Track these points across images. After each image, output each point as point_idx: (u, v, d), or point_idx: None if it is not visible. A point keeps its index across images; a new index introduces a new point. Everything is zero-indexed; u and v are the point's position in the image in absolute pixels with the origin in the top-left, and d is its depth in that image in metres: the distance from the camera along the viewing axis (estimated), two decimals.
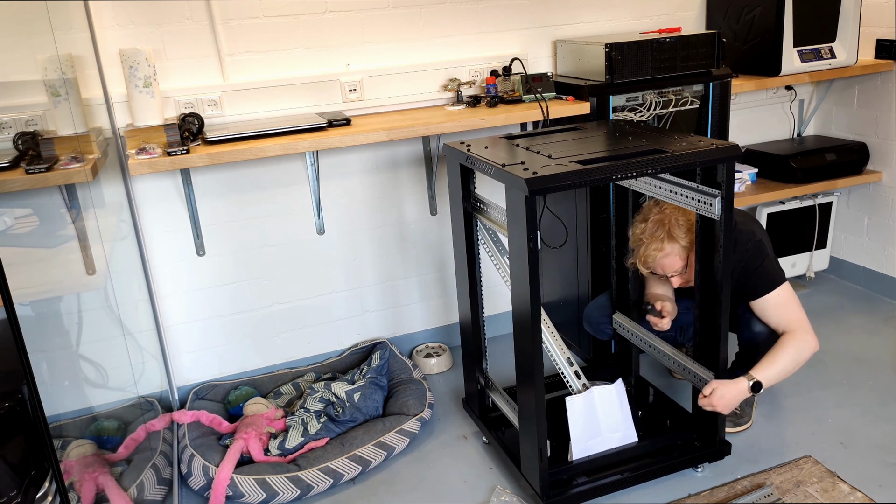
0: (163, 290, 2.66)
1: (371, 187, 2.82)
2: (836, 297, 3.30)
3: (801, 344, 2.13)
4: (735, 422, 2.38)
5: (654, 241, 2.16)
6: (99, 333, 2.19)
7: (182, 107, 2.47)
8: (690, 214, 2.14)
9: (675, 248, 2.15)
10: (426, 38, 2.73)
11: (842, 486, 2.11)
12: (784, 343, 2.14)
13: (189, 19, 2.44)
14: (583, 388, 2.15)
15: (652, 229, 2.17)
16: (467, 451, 2.42)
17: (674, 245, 2.15)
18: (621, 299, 2.51)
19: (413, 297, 3.02)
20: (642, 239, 2.19)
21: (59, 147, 2.05)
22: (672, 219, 2.16)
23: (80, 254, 2.09)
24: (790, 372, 2.14)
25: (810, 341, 2.14)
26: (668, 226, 2.15)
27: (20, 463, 1.24)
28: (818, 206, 3.27)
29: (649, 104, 2.66)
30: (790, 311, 2.17)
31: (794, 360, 2.13)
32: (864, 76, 3.14)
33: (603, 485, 2.09)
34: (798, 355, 2.13)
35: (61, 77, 2.07)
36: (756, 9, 2.90)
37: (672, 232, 2.14)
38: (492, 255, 2.24)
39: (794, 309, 2.17)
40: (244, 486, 2.17)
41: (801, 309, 2.18)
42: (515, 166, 1.86)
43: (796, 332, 2.14)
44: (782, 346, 2.13)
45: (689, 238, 2.15)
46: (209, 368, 2.80)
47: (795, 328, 2.15)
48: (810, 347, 2.15)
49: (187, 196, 2.57)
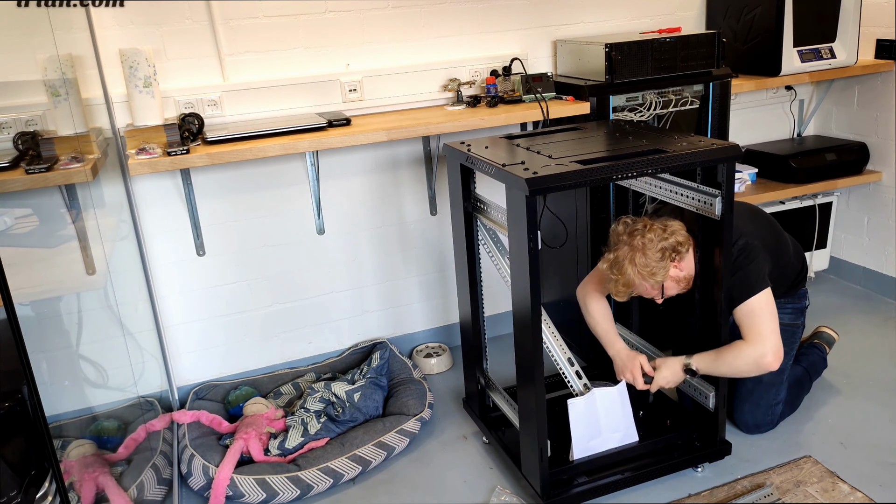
0: (163, 290, 2.66)
1: (371, 187, 2.82)
2: (836, 297, 3.30)
3: (754, 357, 2.03)
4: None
5: (621, 277, 2.02)
6: (99, 333, 2.20)
7: (182, 107, 2.47)
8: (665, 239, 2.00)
9: (644, 285, 2.04)
10: (426, 38, 2.73)
11: (842, 486, 2.11)
12: (736, 347, 2.06)
13: (189, 19, 2.44)
14: (584, 389, 2.15)
15: (620, 263, 2.02)
16: (467, 451, 2.42)
17: (643, 282, 2.03)
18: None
19: (413, 297, 3.02)
20: (610, 275, 2.06)
21: (59, 147, 2.05)
22: (640, 254, 1.99)
23: (80, 254, 2.09)
24: (725, 374, 2.10)
25: (767, 357, 2.02)
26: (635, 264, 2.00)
27: (20, 463, 1.24)
28: (818, 206, 3.27)
29: (649, 104, 2.66)
30: (759, 322, 2.04)
31: (738, 368, 2.06)
32: (864, 76, 3.14)
33: (603, 485, 2.09)
34: (743, 366, 2.05)
35: (61, 77, 2.07)
36: (756, 9, 2.90)
37: (641, 271, 2.00)
38: (492, 255, 2.24)
39: (763, 322, 2.04)
40: (244, 486, 2.16)
41: (771, 321, 2.05)
42: (516, 166, 1.86)
43: (754, 343, 2.03)
44: (731, 350, 2.06)
45: (662, 273, 2.01)
46: (209, 368, 2.80)
47: (755, 339, 2.04)
48: (765, 363, 2.03)
49: (187, 196, 2.57)
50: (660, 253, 2.00)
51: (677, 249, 2.02)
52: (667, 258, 2.01)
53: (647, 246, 2.00)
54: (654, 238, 2.00)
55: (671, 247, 2.01)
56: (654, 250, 2.00)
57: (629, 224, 2.06)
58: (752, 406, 2.33)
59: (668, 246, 2.01)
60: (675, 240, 2.02)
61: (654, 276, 2.01)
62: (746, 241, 2.07)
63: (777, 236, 2.31)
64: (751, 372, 2.08)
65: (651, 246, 2.00)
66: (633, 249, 2.01)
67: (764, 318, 2.05)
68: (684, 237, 2.04)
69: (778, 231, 2.34)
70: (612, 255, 2.05)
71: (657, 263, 2.00)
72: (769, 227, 2.30)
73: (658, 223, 2.04)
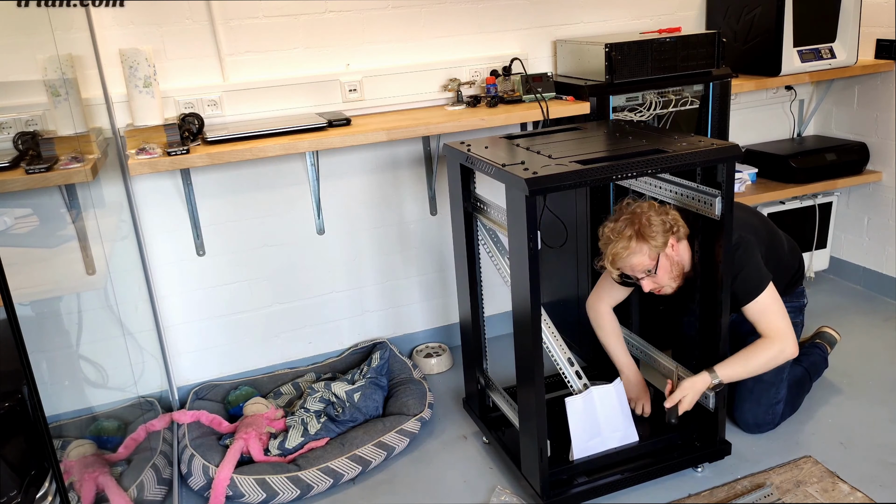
0: (163, 290, 2.66)
1: (371, 187, 2.82)
2: (836, 297, 3.30)
3: (776, 353, 2.13)
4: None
5: (621, 239, 2.06)
6: (99, 333, 2.19)
7: (182, 107, 2.47)
8: (665, 214, 2.08)
9: (643, 248, 2.06)
10: (426, 38, 2.73)
11: (842, 486, 2.11)
12: (759, 348, 2.13)
13: (189, 19, 2.44)
14: (584, 389, 2.15)
15: (620, 227, 2.07)
16: (467, 451, 2.42)
17: (642, 244, 2.05)
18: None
19: (413, 297, 3.02)
20: (610, 237, 2.09)
21: (59, 147, 2.05)
22: (643, 218, 2.06)
23: (80, 254, 2.09)
24: (757, 373, 2.16)
25: (787, 350, 2.13)
26: (637, 224, 2.05)
27: (20, 463, 1.24)
28: (818, 206, 3.27)
29: (649, 104, 2.66)
30: (770, 317, 2.14)
31: (765, 365, 2.14)
32: (864, 76, 3.14)
33: (603, 485, 2.09)
34: (769, 364, 2.14)
35: (61, 77, 2.07)
36: (756, 9, 2.90)
37: (642, 231, 2.05)
38: (492, 255, 2.24)
39: (774, 316, 2.14)
40: (244, 486, 2.16)
41: (781, 314, 2.15)
42: (515, 166, 1.86)
43: (774, 340, 2.13)
44: (756, 352, 2.13)
45: (662, 239, 2.06)
46: (209, 368, 2.80)
47: (773, 336, 2.13)
48: (785, 356, 2.15)
49: (187, 196, 2.57)
50: (661, 224, 2.07)
51: (675, 227, 2.09)
52: (667, 231, 2.07)
53: (649, 213, 2.07)
54: (654, 214, 2.08)
55: (670, 223, 2.08)
56: (655, 218, 2.07)
57: (631, 203, 2.14)
58: (753, 405, 2.33)
59: (669, 220, 2.08)
60: (674, 217, 2.09)
61: (654, 239, 2.05)
62: (739, 234, 2.11)
63: (769, 228, 2.35)
64: (775, 366, 2.17)
65: (653, 214, 2.07)
66: (636, 215, 2.08)
67: (775, 314, 2.14)
68: (682, 223, 2.11)
69: (770, 225, 2.38)
70: (612, 223, 2.11)
71: (658, 228, 2.06)
72: (758, 217, 2.35)
73: (657, 205, 2.12)
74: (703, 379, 2.12)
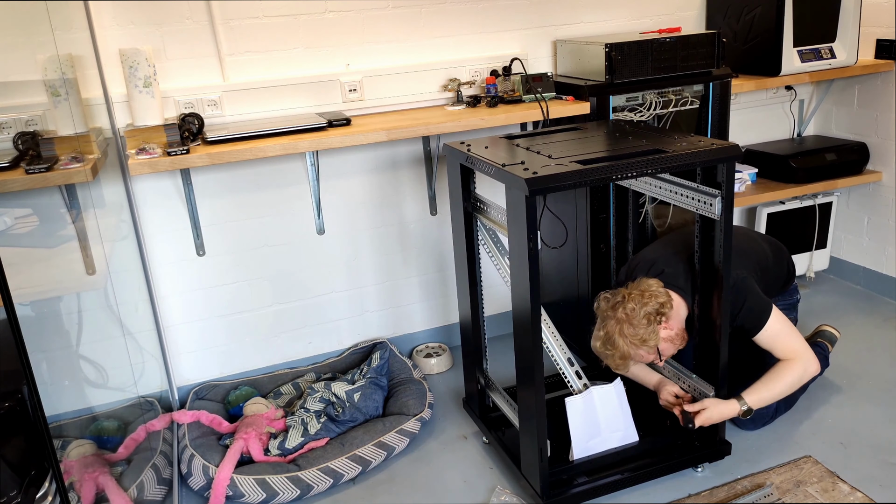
0: (163, 290, 2.66)
1: (371, 187, 2.82)
2: (836, 297, 3.30)
3: (800, 373, 2.17)
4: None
5: (615, 356, 2.08)
6: (99, 333, 2.19)
7: (182, 107, 2.47)
8: (649, 300, 2.03)
9: (639, 353, 2.08)
10: (426, 38, 2.73)
11: (842, 486, 2.11)
12: (783, 370, 2.16)
13: (189, 19, 2.44)
14: (584, 389, 2.15)
15: (611, 339, 2.06)
16: (467, 451, 2.42)
17: (637, 350, 2.06)
18: None
19: (413, 297, 3.02)
20: (605, 352, 2.10)
21: (59, 147, 2.05)
22: (626, 327, 2.03)
23: (80, 254, 2.09)
24: (784, 395, 2.19)
25: (810, 368, 2.17)
26: (624, 335, 2.03)
27: (20, 463, 1.24)
28: (818, 206, 3.27)
29: (649, 104, 2.66)
30: (783, 341, 2.17)
31: (792, 386, 2.18)
32: (864, 76, 3.14)
33: (603, 485, 2.09)
34: (796, 383, 2.18)
35: (61, 77, 2.07)
36: (756, 9, 2.90)
37: (632, 342, 2.04)
38: (492, 255, 2.24)
39: (787, 339, 2.17)
40: (244, 486, 2.17)
41: (793, 334, 2.19)
42: (515, 166, 1.86)
43: (794, 361, 2.16)
44: (781, 374, 2.16)
45: (653, 338, 2.04)
46: (209, 368, 2.80)
47: (792, 357, 2.17)
48: (810, 374, 2.19)
49: (187, 196, 2.57)
50: (645, 319, 2.03)
51: (661, 311, 2.05)
52: (653, 322, 2.04)
53: (631, 315, 2.03)
54: (635, 307, 2.03)
55: (654, 311, 2.04)
56: (639, 317, 2.03)
57: (609, 298, 2.11)
58: None
59: (651, 310, 2.04)
60: (656, 302, 2.05)
61: (647, 342, 2.04)
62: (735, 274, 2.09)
63: (753, 247, 2.33)
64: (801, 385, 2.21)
65: (635, 314, 2.03)
66: (620, 322, 2.05)
67: (787, 335, 2.18)
68: (664, 295, 2.07)
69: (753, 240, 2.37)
70: (602, 332, 2.09)
71: (645, 329, 2.03)
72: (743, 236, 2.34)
73: (635, 290, 2.07)
74: (732, 407, 2.13)
